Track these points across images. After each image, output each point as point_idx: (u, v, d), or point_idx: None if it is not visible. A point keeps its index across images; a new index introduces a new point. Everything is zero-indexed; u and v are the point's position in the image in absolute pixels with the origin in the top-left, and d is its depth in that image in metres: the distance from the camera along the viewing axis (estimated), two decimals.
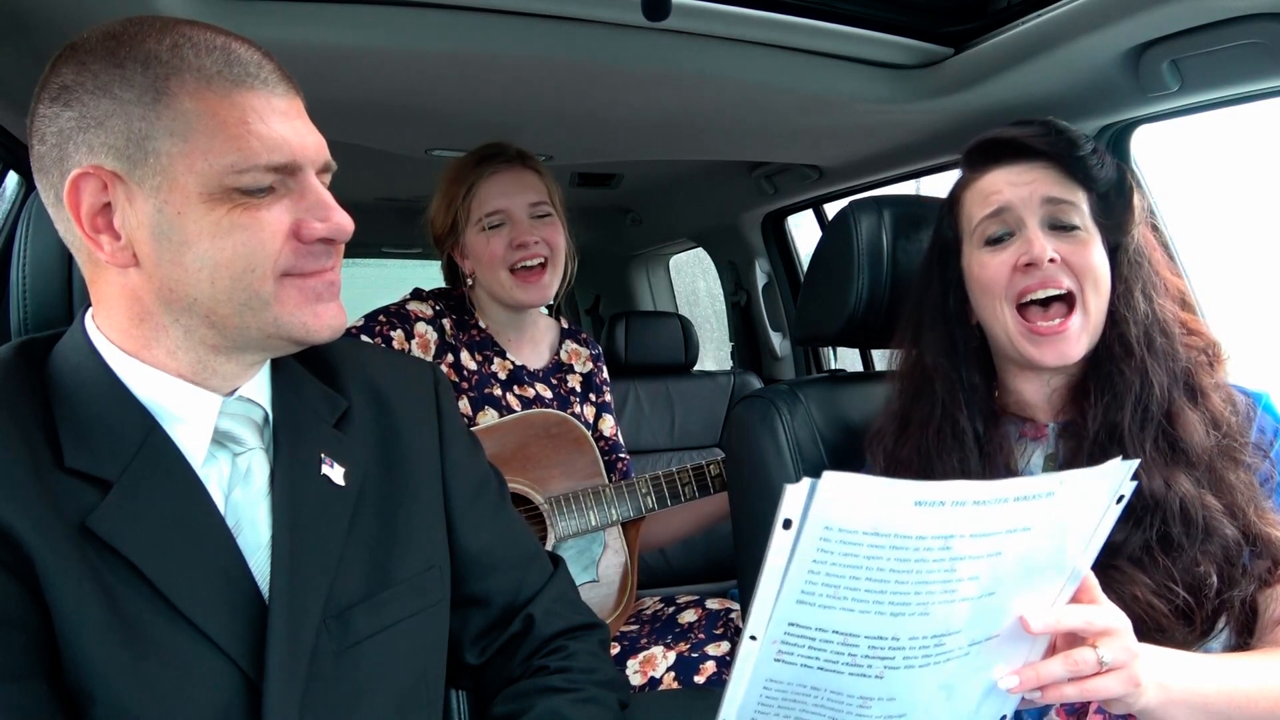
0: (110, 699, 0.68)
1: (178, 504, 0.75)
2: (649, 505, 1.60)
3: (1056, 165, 1.04)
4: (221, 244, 0.73)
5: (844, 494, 0.64)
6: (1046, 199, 1.03)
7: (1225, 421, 1.01)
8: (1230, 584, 0.94)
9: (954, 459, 1.06)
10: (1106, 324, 1.04)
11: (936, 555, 0.67)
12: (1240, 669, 0.87)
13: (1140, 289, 1.05)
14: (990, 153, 1.08)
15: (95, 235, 0.74)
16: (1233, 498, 0.98)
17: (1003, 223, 1.05)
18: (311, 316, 0.78)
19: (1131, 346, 1.02)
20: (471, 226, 1.60)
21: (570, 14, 1.33)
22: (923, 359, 1.12)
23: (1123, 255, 1.05)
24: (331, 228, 0.77)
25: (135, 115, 0.72)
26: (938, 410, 1.09)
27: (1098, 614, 0.77)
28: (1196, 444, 0.99)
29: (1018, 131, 1.06)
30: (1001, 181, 1.06)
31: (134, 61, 0.72)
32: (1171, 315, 1.06)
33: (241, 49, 0.76)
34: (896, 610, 0.68)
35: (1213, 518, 0.96)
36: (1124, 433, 1.00)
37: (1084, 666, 0.76)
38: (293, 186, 0.76)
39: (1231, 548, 0.95)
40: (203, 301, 0.75)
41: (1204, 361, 1.06)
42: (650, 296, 3.67)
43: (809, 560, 0.66)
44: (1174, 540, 0.96)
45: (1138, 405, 1.01)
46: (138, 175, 0.72)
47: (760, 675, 0.72)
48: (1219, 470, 0.99)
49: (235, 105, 0.73)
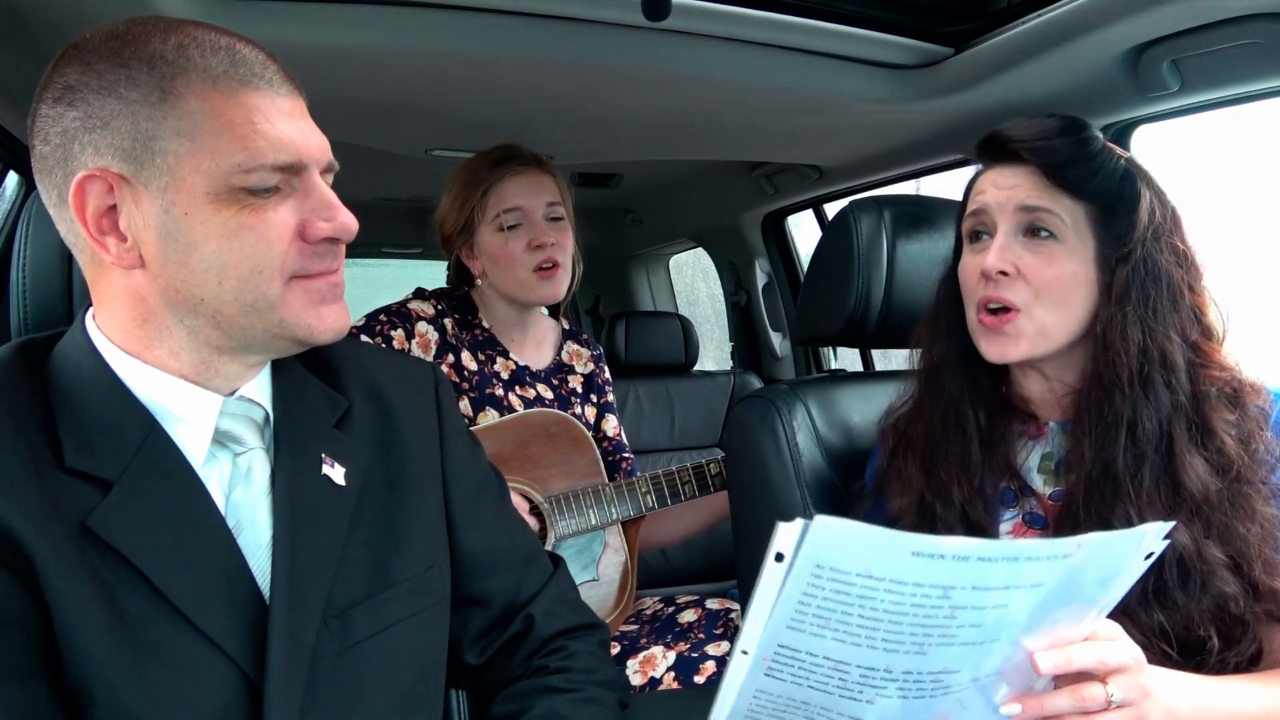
0: (110, 699, 0.68)
1: (178, 504, 0.75)
2: (649, 504, 1.61)
3: (1038, 172, 1.00)
4: (230, 245, 0.73)
5: (836, 538, 0.61)
6: (1022, 206, 1.00)
7: (1238, 463, 0.93)
8: (1230, 644, 0.90)
9: (956, 446, 1.05)
10: (1097, 349, 0.98)
11: (934, 603, 0.64)
12: (1247, 692, 0.85)
13: (1134, 311, 0.96)
14: (989, 150, 1.07)
15: (101, 237, 0.74)
16: (1240, 549, 0.91)
17: (981, 223, 1.04)
18: (316, 318, 0.78)
19: (1120, 376, 0.95)
20: (487, 225, 1.61)
21: (570, 14, 1.33)
22: (937, 341, 1.11)
23: (1121, 271, 0.97)
24: (336, 227, 0.77)
25: (142, 115, 0.71)
26: (944, 396, 1.08)
27: (1111, 652, 0.74)
28: (1196, 489, 0.92)
29: (1013, 130, 1.03)
30: (987, 182, 1.05)
31: (139, 61, 0.72)
32: (1178, 343, 0.97)
33: (246, 49, 0.76)
34: (890, 647, 0.66)
35: (1212, 572, 0.90)
36: (1118, 472, 0.94)
37: (1092, 703, 0.73)
38: (297, 186, 0.76)
39: (1229, 606, 0.90)
40: (209, 302, 0.75)
41: (1224, 396, 0.97)
42: (650, 296, 3.67)
43: (799, 593, 0.64)
44: (1169, 594, 0.90)
45: (1130, 442, 0.94)
46: (144, 176, 0.72)
47: (750, 686, 0.71)
48: (1227, 518, 0.92)
49: (241, 105, 0.73)
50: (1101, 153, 1.00)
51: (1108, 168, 1.00)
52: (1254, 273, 2.99)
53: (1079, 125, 1.02)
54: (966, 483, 1.04)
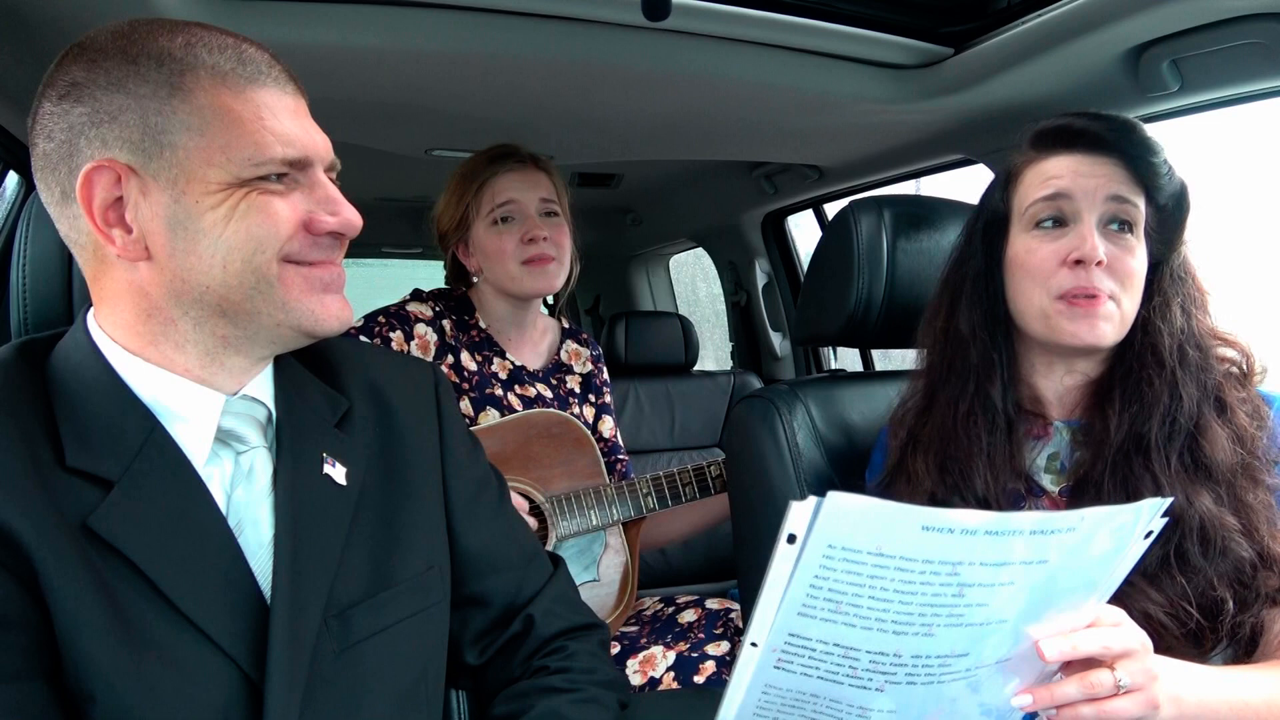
0: (110, 699, 0.68)
1: (179, 504, 0.75)
2: (650, 505, 1.61)
3: (1127, 165, 1.00)
4: (236, 227, 0.75)
5: (849, 514, 0.63)
6: (1113, 196, 1.00)
7: (1249, 438, 0.99)
8: (1243, 608, 0.93)
9: (982, 440, 1.04)
10: (1139, 332, 1.02)
11: (943, 580, 0.65)
12: (1250, 682, 0.86)
13: (1180, 303, 1.03)
14: (1061, 138, 1.04)
15: (107, 229, 0.75)
16: (1250, 518, 0.96)
17: (1057, 209, 1.02)
18: (319, 305, 0.80)
19: (1164, 358, 1.00)
20: (482, 220, 1.61)
21: (570, 14, 1.33)
22: (958, 329, 1.09)
23: (1166, 269, 1.04)
24: (341, 222, 0.80)
25: (151, 109, 0.73)
26: (970, 385, 1.07)
27: (1116, 637, 0.75)
28: (1221, 460, 0.97)
29: (1091, 124, 1.02)
30: (1066, 167, 1.02)
31: (148, 58, 0.74)
32: (1206, 329, 1.04)
33: (252, 49, 0.78)
34: (899, 629, 0.67)
35: (1230, 538, 0.94)
36: (1150, 444, 0.98)
37: (1100, 689, 0.74)
38: (303, 182, 0.79)
39: (1245, 569, 0.94)
40: (214, 289, 0.76)
41: (1235, 375, 1.04)
42: (650, 296, 3.67)
43: (811, 575, 0.65)
44: (1190, 559, 0.94)
45: (1166, 417, 0.99)
46: (153, 168, 0.74)
47: (759, 681, 0.71)
48: (1239, 489, 0.97)
49: (250, 101, 0.75)
50: (1168, 160, 1.03)
51: (1173, 175, 1.03)
52: (1254, 273, 2.99)
53: (1145, 130, 1.03)
54: (992, 476, 1.04)
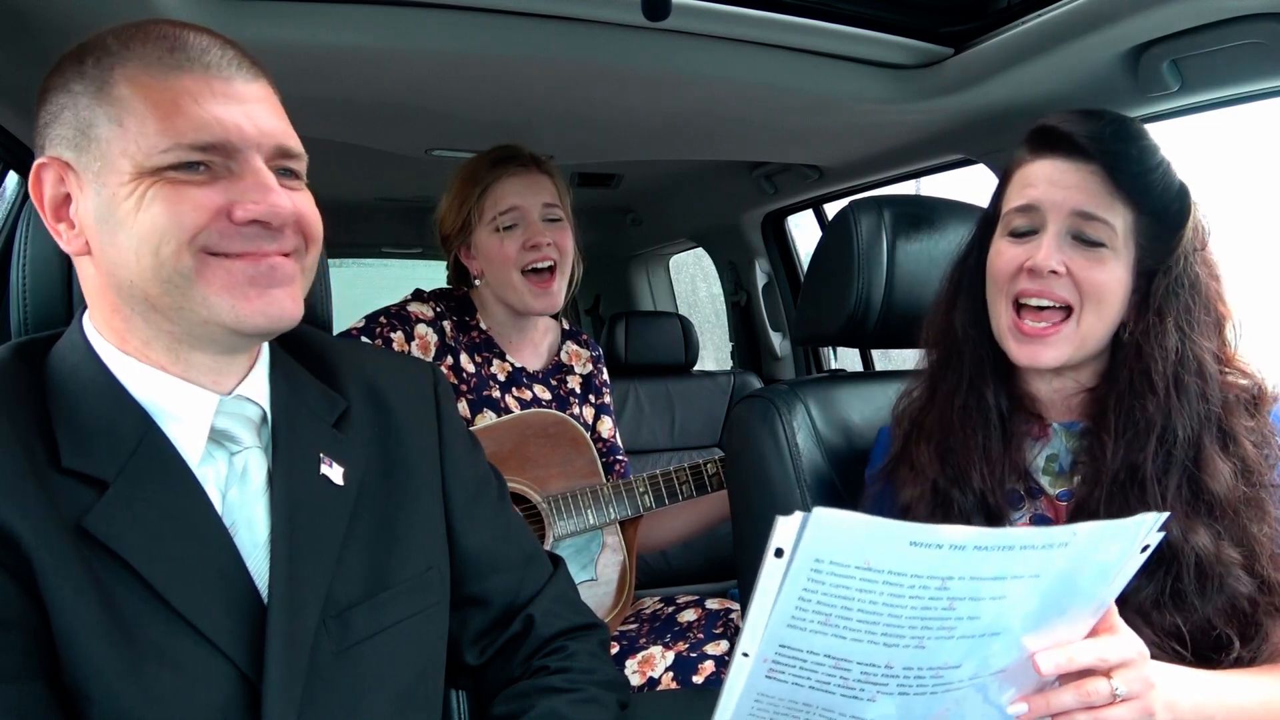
0: (107, 700, 0.68)
1: (175, 504, 0.75)
2: (647, 504, 1.61)
3: (1106, 173, 0.97)
4: (142, 217, 0.73)
5: (836, 530, 0.62)
6: (1076, 211, 0.98)
7: (1257, 470, 0.95)
8: (1246, 642, 0.91)
9: (978, 436, 1.03)
10: (1129, 356, 0.98)
11: (933, 594, 0.65)
12: (1246, 687, 0.86)
13: (1174, 322, 0.97)
14: (1045, 139, 1.03)
15: (56, 225, 0.77)
16: (1254, 549, 0.93)
17: (1028, 219, 1.01)
18: (241, 300, 0.76)
19: (1155, 384, 0.96)
20: (484, 225, 1.61)
21: (570, 14, 1.33)
22: (955, 325, 1.09)
23: (1160, 282, 0.98)
24: (265, 210, 0.75)
25: (82, 105, 0.74)
26: (964, 382, 1.06)
27: (1113, 647, 0.74)
28: (1221, 494, 0.93)
29: (1077, 125, 1.00)
30: (1042, 175, 1.01)
31: (90, 56, 0.75)
32: (1210, 353, 0.98)
33: (194, 37, 0.77)
34: (890, 641, 0.67)
35: (1228, 572, 0.91)
36: (1145, 476, 0.95)
37: (1097, 697, 0.74)
38: (233, 169, 0.76)
39: (1244, 605, 0.92)
40: (138, 284, 0.75)
41: (1244, 402, 0.99)
42: (650, 296, 3.67)
43: (799, 589, 0.64)
44: (1185, 596, 0.91)
45: (1160, 447, 0.95)
46: (83, 162, 0.75)
47: (752, 690, 0.71)
48: (1243, 522, 0.94)
49: (168, 88, 0.74)
50: (1163, 164, 0.99)
51: (1167, 181, 0.99)
52: (1253, 273, 2.99)
53: (1142, 131, 1.01)
54: (988, 471, 1.03)
